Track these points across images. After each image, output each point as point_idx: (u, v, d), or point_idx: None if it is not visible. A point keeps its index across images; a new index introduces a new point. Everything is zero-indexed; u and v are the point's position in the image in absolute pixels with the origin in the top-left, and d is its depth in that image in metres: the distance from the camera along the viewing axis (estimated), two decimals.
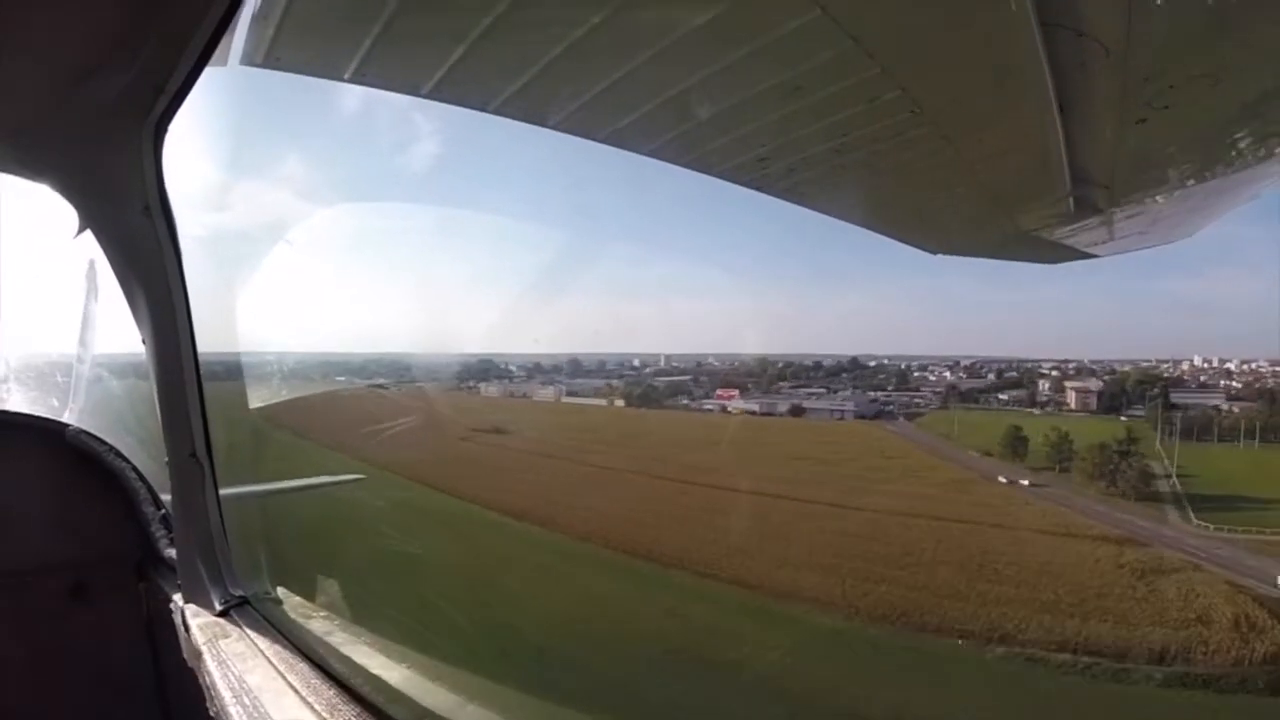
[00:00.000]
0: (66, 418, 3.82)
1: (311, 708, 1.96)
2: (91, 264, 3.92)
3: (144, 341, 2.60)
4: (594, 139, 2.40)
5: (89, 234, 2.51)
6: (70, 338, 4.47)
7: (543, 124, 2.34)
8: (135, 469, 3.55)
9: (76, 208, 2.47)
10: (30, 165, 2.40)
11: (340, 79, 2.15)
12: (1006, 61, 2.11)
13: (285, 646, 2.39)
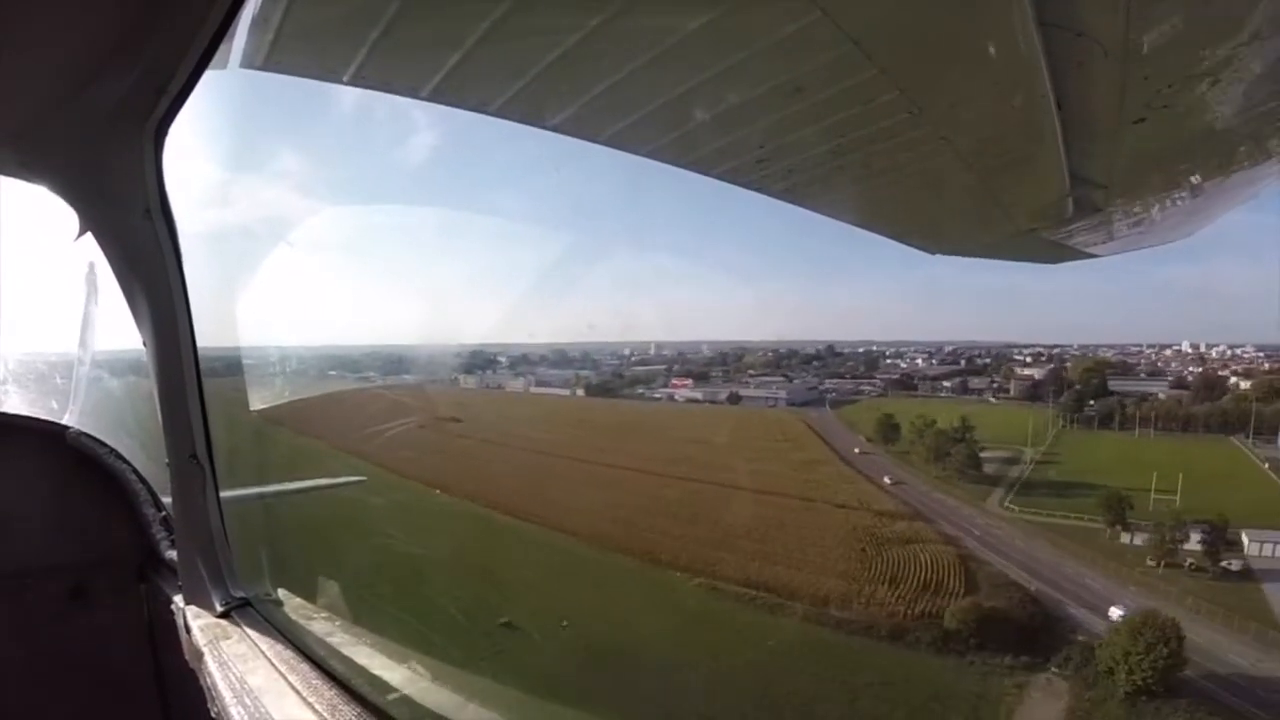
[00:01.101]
0: (67, 420, 3.82)
1: (312, 708, 1.97)
2: (91, 266, 3.93)
3: (145, 344, 2.61)
4: (594, 141, 2.40)
5: (88, 236, 2.52)
6: (70, 340, 4.48)
7: (543, 126, 2.34)
8: (136, 471, 3.55)
9: (77, 210, 2.47)
10: (31, 168, 2.41)
11: (339, 81, 2.15)
12: (1005, 62, 2.11)
13: (286, 647, 2.40)
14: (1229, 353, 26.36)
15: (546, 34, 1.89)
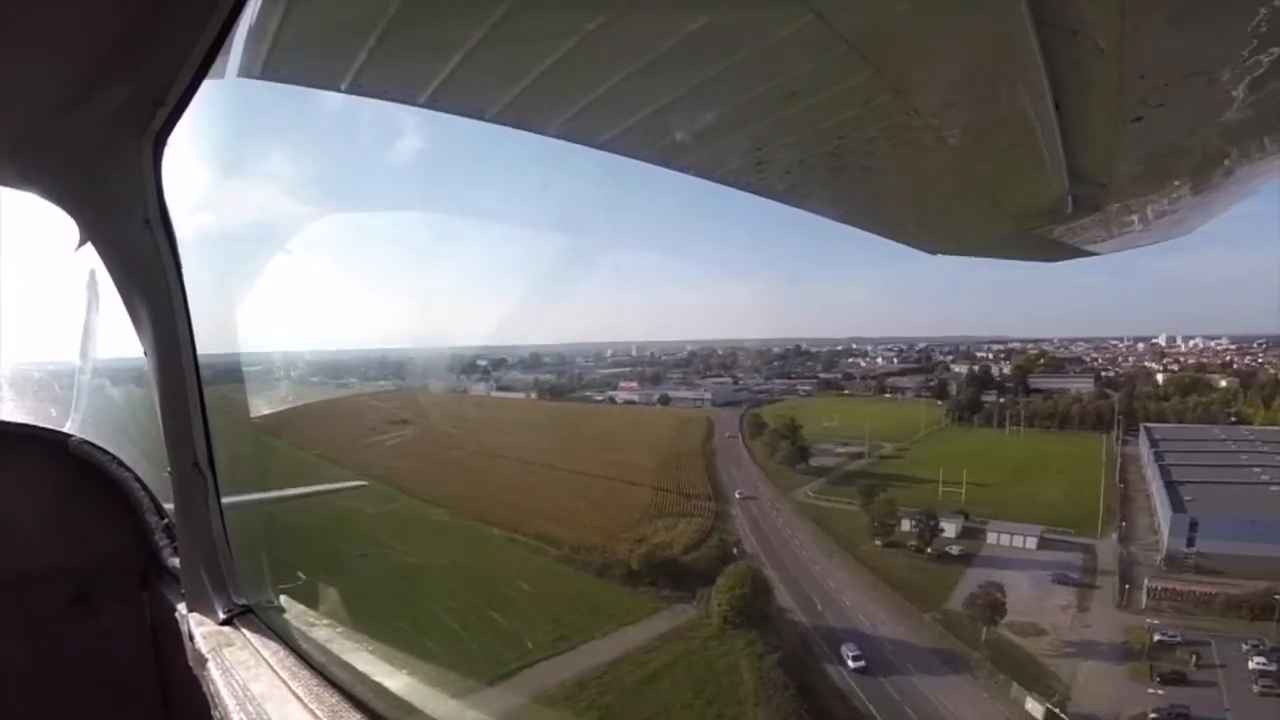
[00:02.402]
0: (69, 428, 3.83)
1: (315, 715, 1.98)
2: (92, 274, 3.94)
3: (145, 352, 2.62)
4: (591, 146, 2.40)
5: (89, 245, 2.53)
6: (71, 348, 4.49)
7: (540, 131, 2.34)
8: (138, 478, 3.56)
9: (77, 220, 2.48)
10: (31, 178, 2.42)
11: (337, 90, 2.16)
12: (1002, 62, 2.11)
13: (289, 654, 2.40)
14: (1199, 345, 26.73)
15: (542, 39, 1.90)
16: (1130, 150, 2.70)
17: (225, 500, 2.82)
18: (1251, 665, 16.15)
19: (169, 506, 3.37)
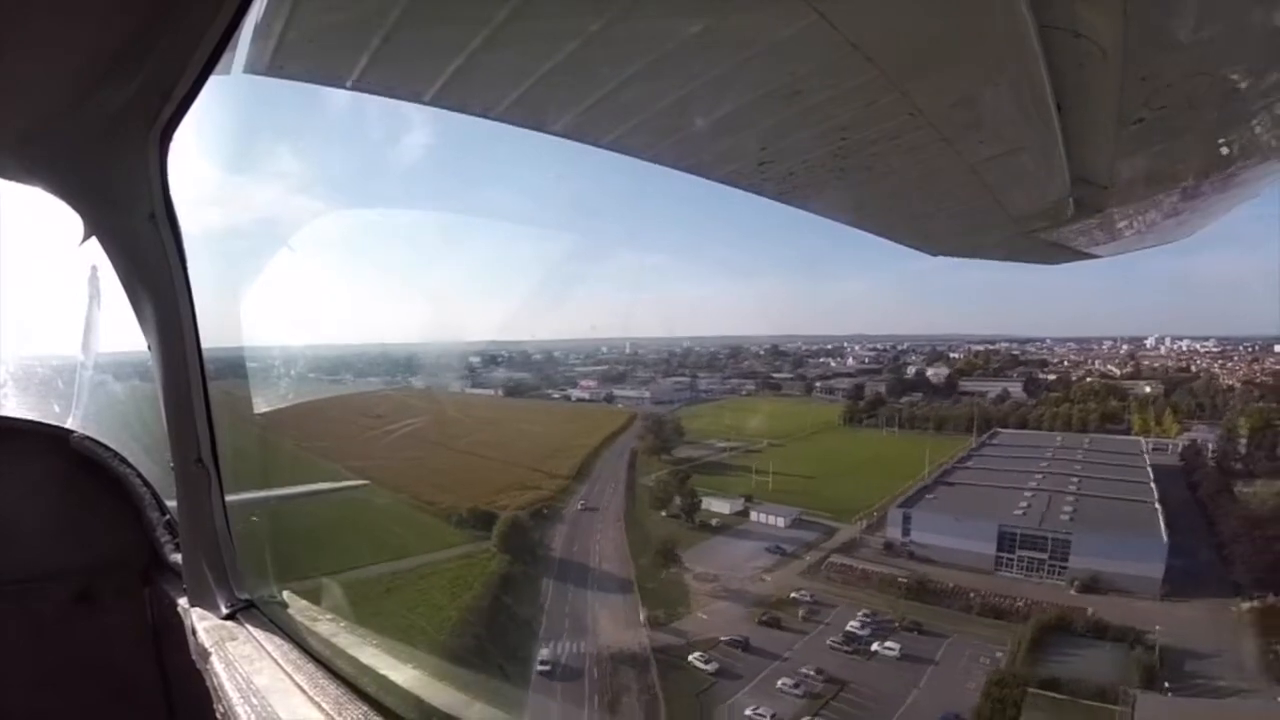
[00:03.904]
0: (70, 424, 3.84)
1: (319, 706, 1.99)
2: (94, 269, 3.94)
3: (149, 348, 2.62)
4: (596, 145, 2.41)
5: (92, 240, 2.53)
6: (73, 343, 4.49)
7: (545, 130, 2.35)
8: (140, 474, 3.56)
9: (82, 214, 2.48)
10: (36, 172, 2.42)
11: (343, 87, 2.17)
12: (1005, 64, 2.12)
13: (292, 647, 2.41)
14: (1184, 347, 27.00)
15: (548, 39, 1.91)
16: (1133, 152, 2.71)
17: (232, 497, 2.84)
18: (848, 627, 18.53)
19: (171, 503, 3.38)
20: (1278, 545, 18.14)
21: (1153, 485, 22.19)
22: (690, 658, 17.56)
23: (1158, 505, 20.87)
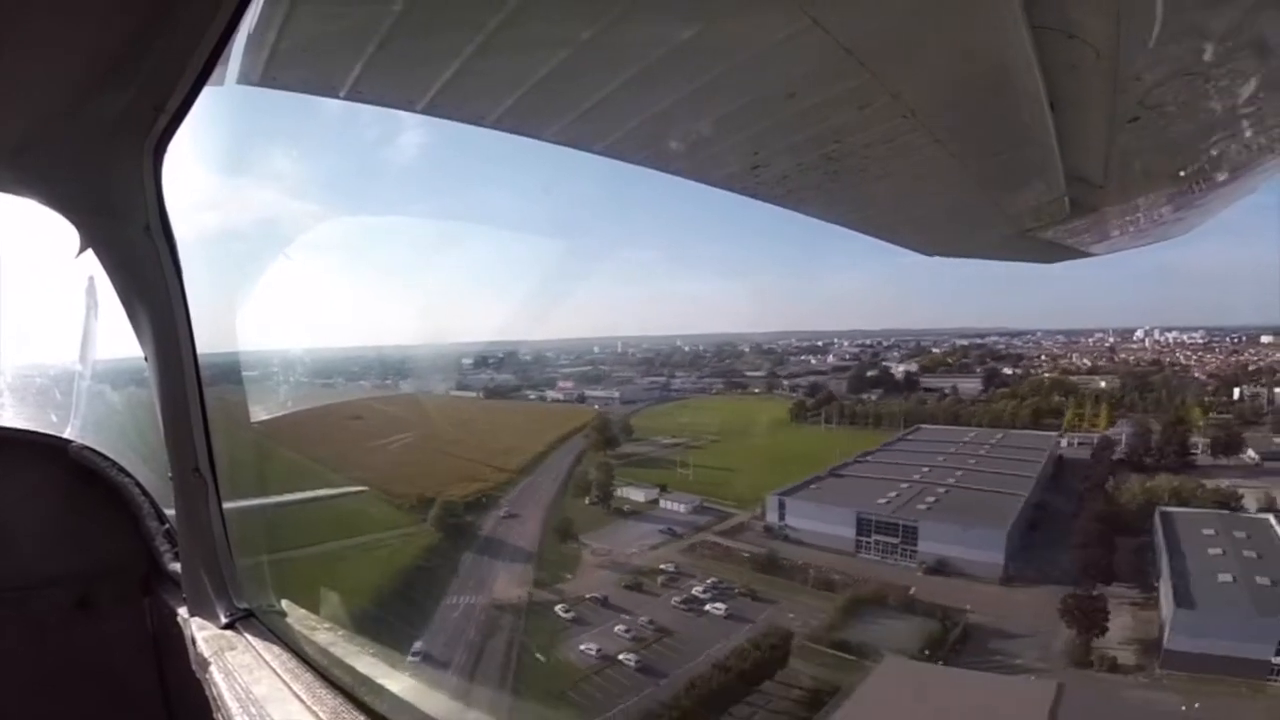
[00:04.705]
0: (69, 434, 3.84)
1: (316, 715, 1.99)
2: (91, 280, 3.94)
3: (146, 358, 2.62)
4: (590, 150, 2.41)
5: (88, 251, 2.53)
6: (71, 354, 4.49)
7: (538, 137, 2.36)
8: (138, 483, 3.56)
9: (78, 226, 2.49)
10: (32, 184, 2.42)
11: (336, 96, 2.17)
12: (998, 65, 2.12)
13: (290, 657, 2.41)
14: (1169, 338, 27.04)
15: (540, 46, 1.91)
16: (1127, 151, 2.71)
17: (231, 505, 2.83)
18: (693, 591, 21.03)
19: (169, 512, 3.38)
20: (1118, 540, 19.43)
21: (1034, 480, 23.48)
22: (556, 609, 21.01)
23: (1023, 498, 22.34)
